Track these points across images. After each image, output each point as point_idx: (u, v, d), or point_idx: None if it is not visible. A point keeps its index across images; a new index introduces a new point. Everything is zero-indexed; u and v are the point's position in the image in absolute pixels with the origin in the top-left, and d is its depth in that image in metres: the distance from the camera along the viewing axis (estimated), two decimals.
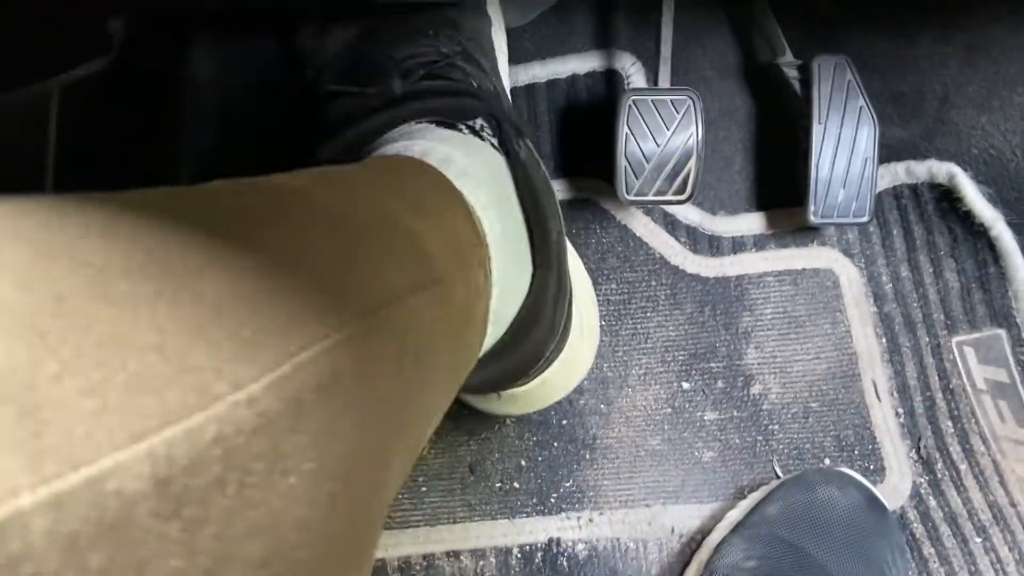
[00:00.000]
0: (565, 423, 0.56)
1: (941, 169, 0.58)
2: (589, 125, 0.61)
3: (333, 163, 0.38)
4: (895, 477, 0.55)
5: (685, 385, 0.57)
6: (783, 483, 0.51)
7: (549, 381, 0.46)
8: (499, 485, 0.55)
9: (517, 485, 0.55)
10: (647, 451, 0.55)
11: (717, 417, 0.56)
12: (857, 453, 0.55)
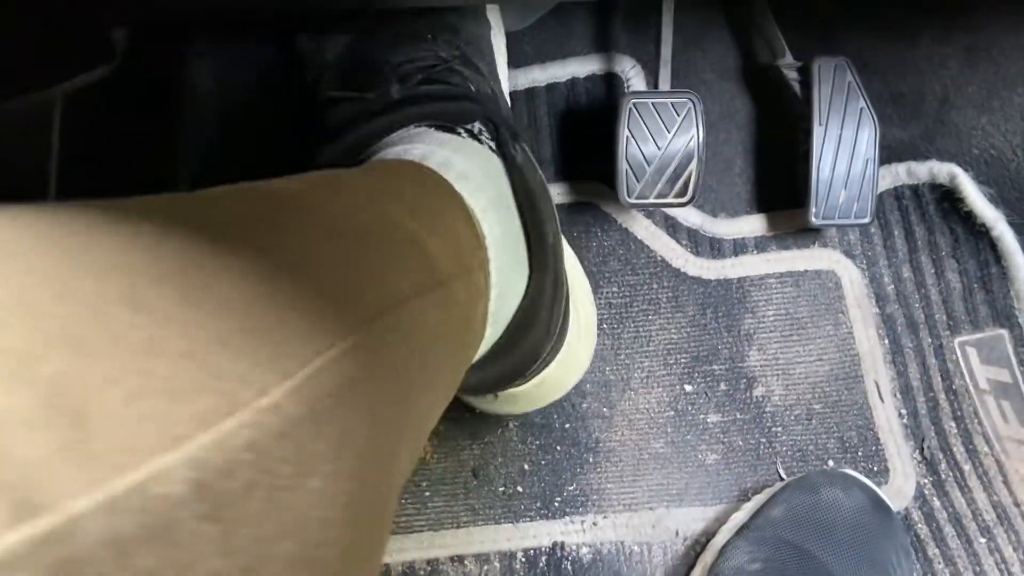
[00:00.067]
0: (568, 426, 0.56)
1: (942, 170, 0.58)
2: (589, 128, 0.61)
3: (332, 167, 0.39)
4: (899, 478, 0.55)
5: (688, 388, 0.57)
6: (787, 485, 0.51)
7: (547, 381, 0.46)
8: (502, 489, 0.55)
9: (520, 489, 0.55)
10: (650, 454, 0.55)
11: (720, 419, 0.56)
12: (861, 454, 0.55)
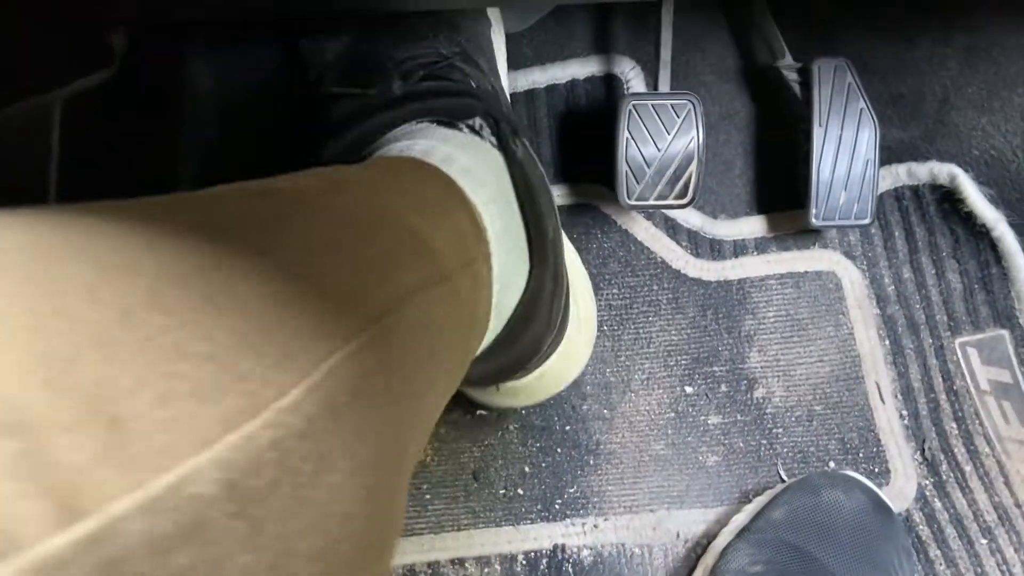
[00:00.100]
0: (568, 428, 0.56)
1: (942, 170, 0.58)
2: (589, 130, 0.61)
3: (335, 164, 0.39)
4: (900, 479, 0.55)
5: (688, 389, 0.56)
6: (788, 487, 0.51)
7: (547, 374, 0.46)
8: (503, 492, 0.55)
9: (521, 491, 0.55)
10: (651, 456, 0.55)
11: (721, 421, 0.56)
12: (862, 456, 0.55)
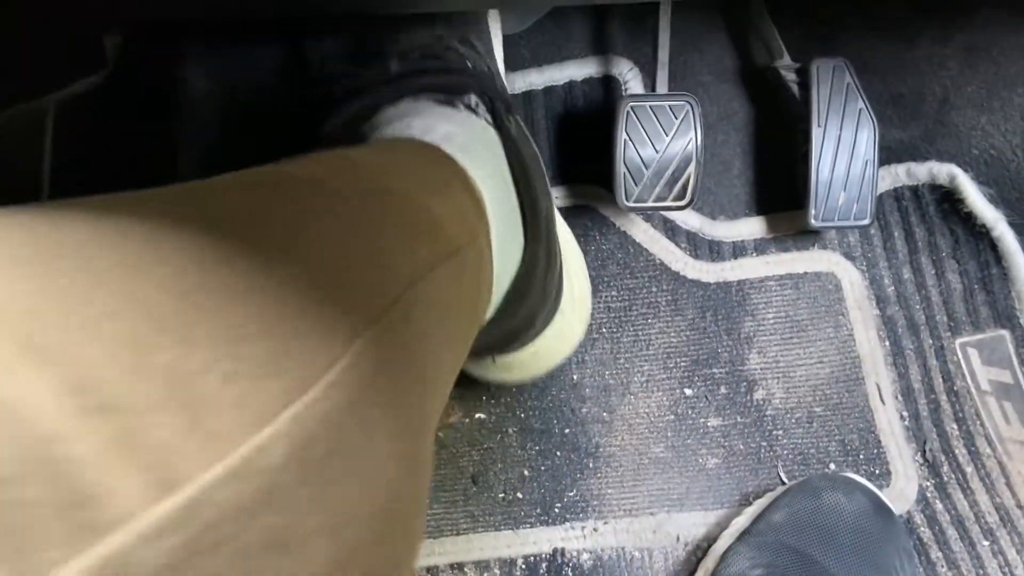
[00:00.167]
0: (567, 432, 0.56)
1: (942, 170, 0.58)
2: (587, 132, 0.61)
3: (333, 141, 0.41)
4: (901, 481, 0.54)
5: (688, 391, 0.56)
6: (788, 489, 0.51)
7: (541, 350, 0.48)
8: (502, 495, 0.54)
9: (520, 495, 0.54)
10: (651, 459, 0.55)
11: (721, 423, 0.56)
12: (862, 457, 0.55)
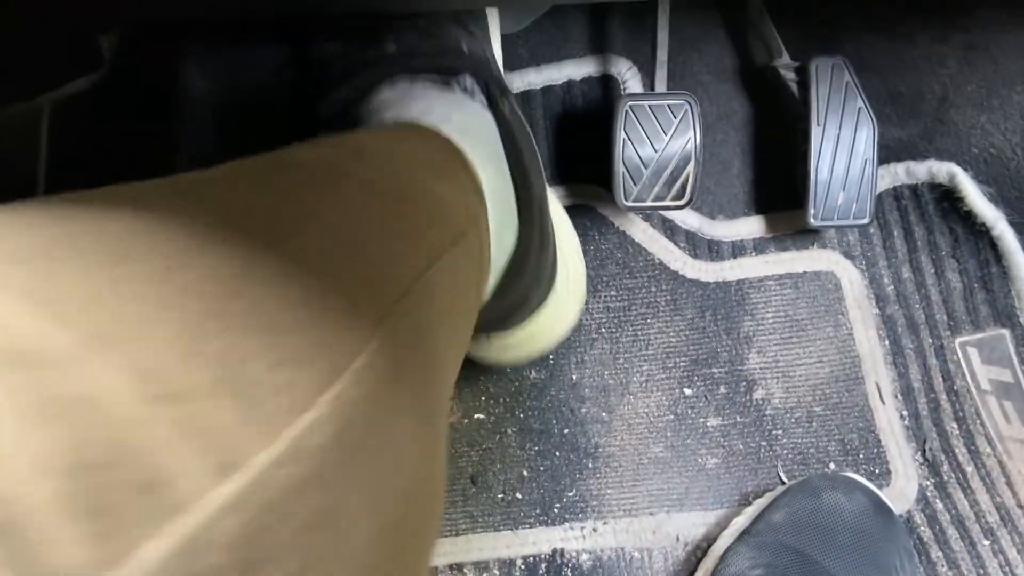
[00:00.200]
0: (567, 432, 0.55)
1: (941, 169, 0.57)
2: (586, 131, 0.61)
3: (332, 122, 0.42)
4: (901, 480, 0.54)
5: (687, 391, 0.56)
6: (788, 489, 0.50)
7: (537, 331, 0.48)
8: (501, 496, 0.54)
9: (520, 496, 0.54)
10: (650, 459, 0.55)
11: (720, 423, 0.55)
12: (862, 457, 0.55)
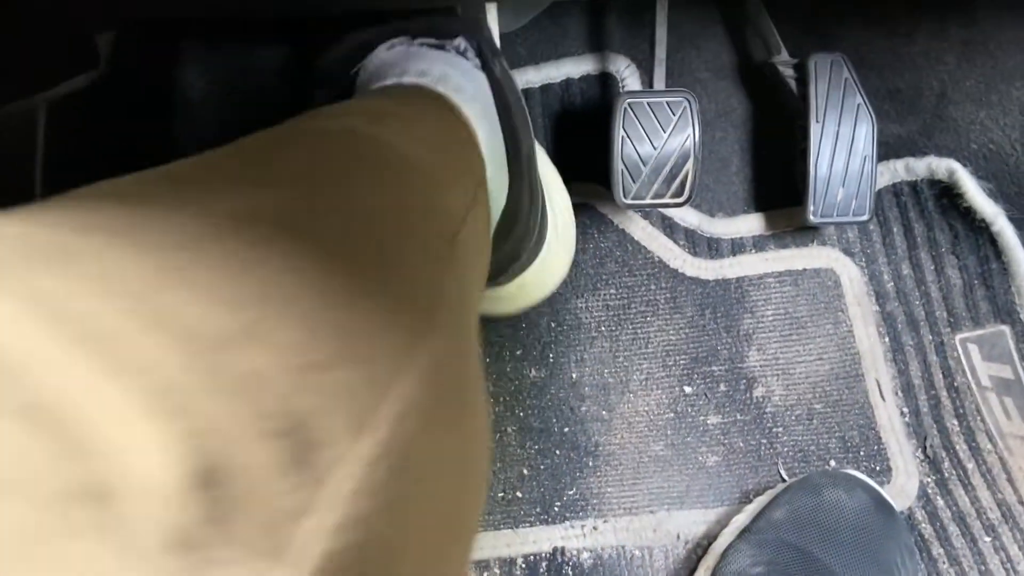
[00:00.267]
0: (567, 430, 0.55)
1: (940, 165, 0.57)
2: (584, 129, 0.61)
3: (331, 79, 0.44)
4: (902, 477, 0.54)
5: (687, 389, 0.56)
6: (789, 487, 0.50)
7: (527, 283, 0.50)
8: (501, 495, 0.54)
9: (520, 494, 0.54)
10: (650, 457, 0.55)
11: (720, 421, 0.55)
12: (863, 454, 0.55)
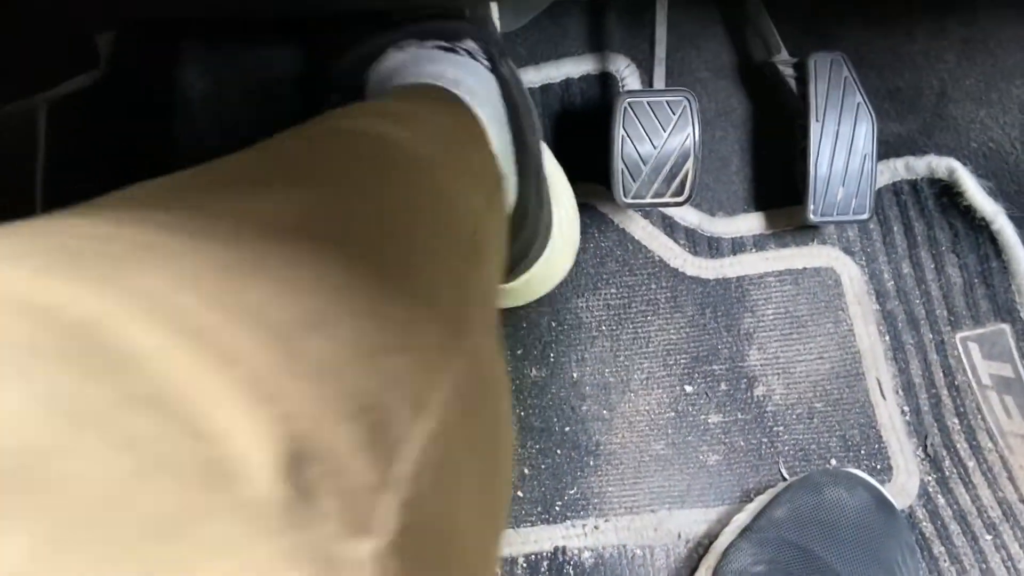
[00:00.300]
0: (568, 430, 0.55)
1: (940, 164, 0.57)
2: (585, 129, 0.61)
3: (342, 84, 0.45)
4: (902, 476, 0.54)
5: (688, 388, 0.56)
6: (790, 485, 0.50)
7: (534, 277, 0.51)
8: None
9: (521, 494, 0.54)
10: (651, 456, 0.55)
11: (721, 420, 0.55)
12: (863, 453, 0.55)
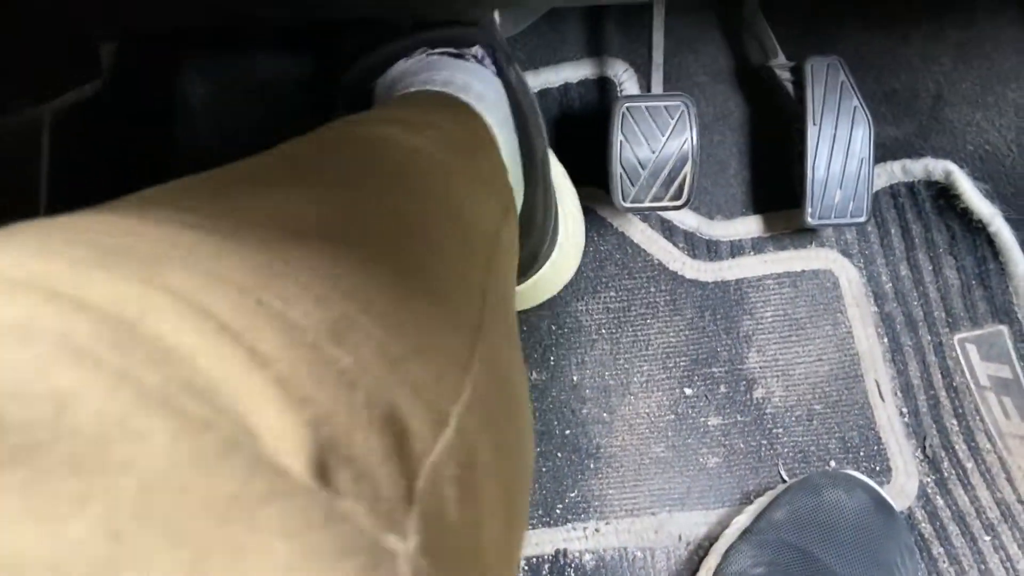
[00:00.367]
0: (568, 433, 0.56)
1: (937, 167, 0.58)
2: (583, 133, 0.61)
3: (353, 91, 0.45)
4: (901, 477, 0.55)
5: (688, 391, 0.56)
6: (789, 487, 0.51)
7: (541, 280, 0.52)
8: None
9: None
10: (651, 458, 0.55)
11: (721, 422, 0.56)
12: (862, 454, 0.55)
